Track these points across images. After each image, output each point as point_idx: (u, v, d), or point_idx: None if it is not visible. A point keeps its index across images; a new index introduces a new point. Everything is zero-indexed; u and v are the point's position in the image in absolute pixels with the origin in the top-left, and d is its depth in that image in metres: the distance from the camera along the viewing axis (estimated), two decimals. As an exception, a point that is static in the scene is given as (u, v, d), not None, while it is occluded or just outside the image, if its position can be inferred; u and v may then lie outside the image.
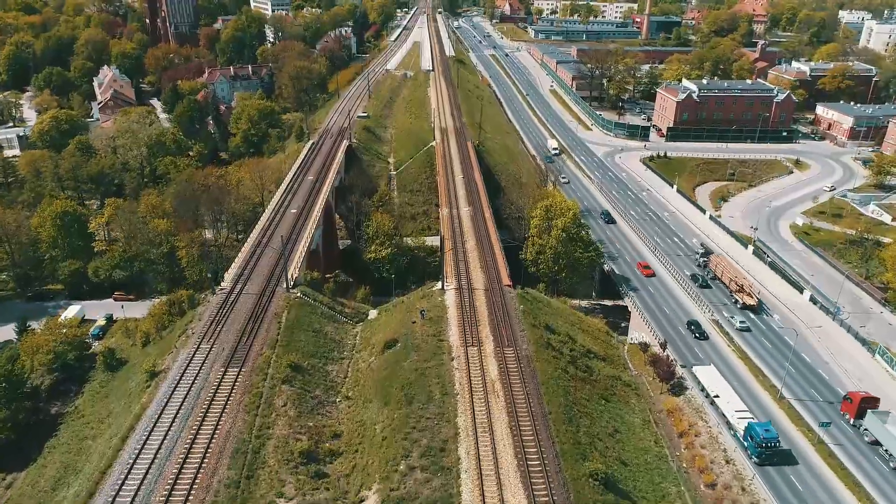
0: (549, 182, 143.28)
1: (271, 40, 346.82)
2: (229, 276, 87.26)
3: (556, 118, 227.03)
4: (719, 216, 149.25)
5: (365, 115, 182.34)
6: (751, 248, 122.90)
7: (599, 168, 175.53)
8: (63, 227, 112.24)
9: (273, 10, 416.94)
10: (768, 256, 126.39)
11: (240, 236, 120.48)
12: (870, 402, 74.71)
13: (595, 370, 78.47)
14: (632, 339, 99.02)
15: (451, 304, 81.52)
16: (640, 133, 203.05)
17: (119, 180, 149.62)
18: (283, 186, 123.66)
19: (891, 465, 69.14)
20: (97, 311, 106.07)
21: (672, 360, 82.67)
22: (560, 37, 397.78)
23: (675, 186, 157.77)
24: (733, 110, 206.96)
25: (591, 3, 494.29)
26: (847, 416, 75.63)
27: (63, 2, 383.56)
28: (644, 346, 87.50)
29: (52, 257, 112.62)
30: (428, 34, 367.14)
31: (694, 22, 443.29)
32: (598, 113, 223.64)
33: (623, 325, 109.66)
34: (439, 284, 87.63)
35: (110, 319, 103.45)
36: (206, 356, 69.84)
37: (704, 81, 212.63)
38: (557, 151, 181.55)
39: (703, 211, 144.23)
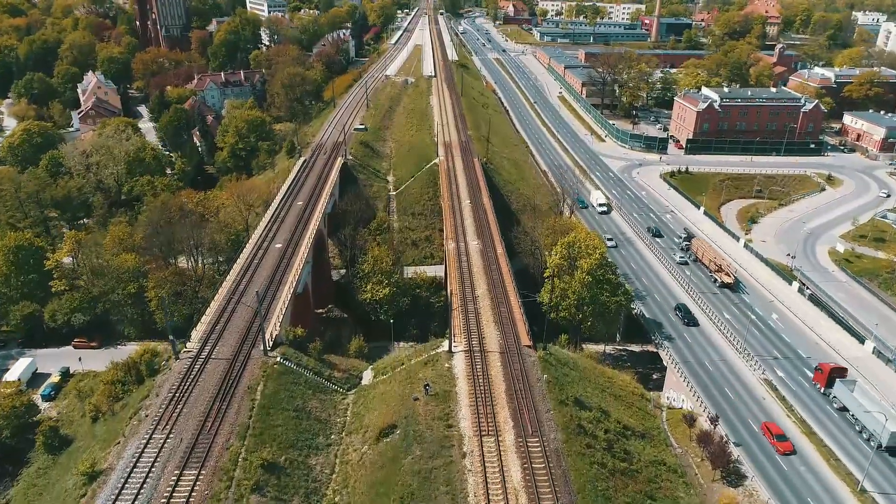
0: (565, 205, 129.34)
1: (266, 44, 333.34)
2: (198, 333, 73.65)
3: (567, 128, 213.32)
4: (750, 240, 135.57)
5: (362, 127, 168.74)
6: (795, 284, 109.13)
7: (617, 185, 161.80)
8: (17, 263, 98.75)
9: (269, 12, 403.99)
10: (806, 287, 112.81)
11: (221, 268, 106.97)
12: (839, 372, 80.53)
13: (635, 455, 64.82)
14: (668, 399, 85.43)
15: (460, 374, 67.87)
16: (658, 145, 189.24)
17: (92, 202, 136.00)
18: (269, 214, 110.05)
19: (856, 428, 74.17)
20: (53, 362, 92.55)
21: (726, 441, 68.96)
22: (566, 39, 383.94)
23: (701, 208, 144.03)
24: (757, 121, 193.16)
25: (598, 5, 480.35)
26: (818, 386, 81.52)
27: (51, 3, 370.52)
28: (690, 420, 73.76)
29: (5, 298, 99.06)
30: (429, 37, 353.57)
31: (703, 24, 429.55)
32: (611, 122, 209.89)
33: (655, 376, 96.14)
34: (445, 344, 73.97)
35: (66, 374, 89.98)
36: (159, 451, 56.22)
37: (726, 89, 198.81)
38: (606, 209, 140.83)
39: (737, 238, 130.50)
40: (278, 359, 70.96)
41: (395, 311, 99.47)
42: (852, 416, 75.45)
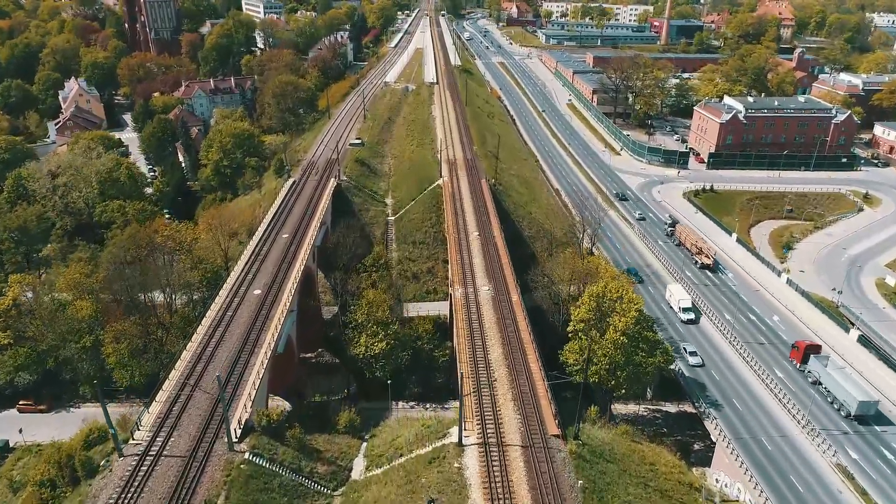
0: (583, 233, 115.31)
1: (261, 47, 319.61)
2: (150, 417, 59.91)
3: (578, 139, 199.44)
4: (787, 270, 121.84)
5: (358, 141, 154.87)
6: (853, 332, 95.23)
7: (637, 205, 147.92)
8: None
9: (266, 14, 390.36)
10: (856, 324, 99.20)
11: (196, 309, 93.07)
12: (813, 349, 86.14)
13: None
14: (718, 483, 71.65)
15: (473, 481, 54.09)
16: (679, 160, 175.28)
17: (55, 231, 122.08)
18: (249, 249, 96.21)
19: (828, 399, 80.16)
20: (-9, 431, 78.91)
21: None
22: (573, 42, 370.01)
23: (734, 235, 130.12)
24: (785, 132, 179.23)
25: (604, 6, 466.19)
26: (794, 362, 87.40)
27: (38, 5, 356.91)
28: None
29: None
30: (431, 40, 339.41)
31: (713, 26, 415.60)
32: (625, 134, 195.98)
33: (697, 446, 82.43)
34: (454, 431, 60.20)
35: (5, 448, 76.18)
36: None
37: (750, 99, 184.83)
38: (693, 317, 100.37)
39: (777, 272, 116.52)
40: (247, 455, 57.08)
41: (394, 368, 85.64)
42: (825, 388, 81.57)
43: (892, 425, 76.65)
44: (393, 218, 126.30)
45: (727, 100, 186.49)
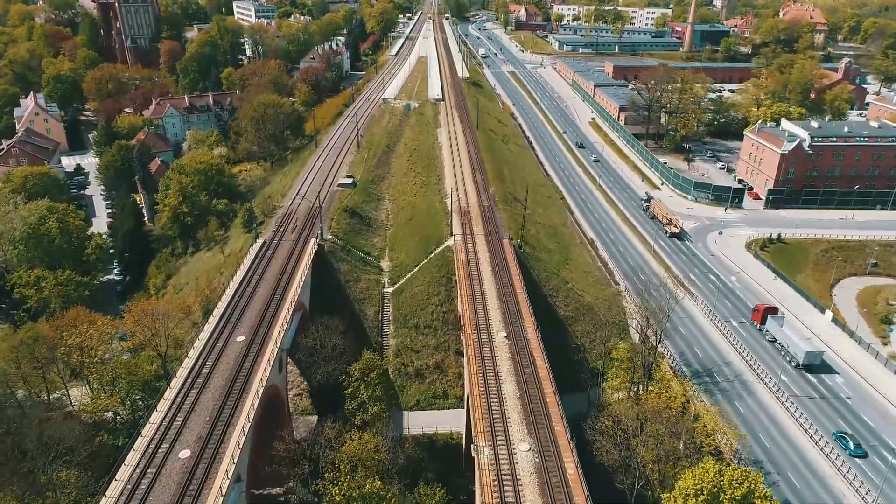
0: (650, 330, 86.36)
1: (249, 56, 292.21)
2: None
3: (609, 170, 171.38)
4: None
5: (349, 181, 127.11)
6: None
7: (690, 261, 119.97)
8: None
9: (257, 19, 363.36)
10: None
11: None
12: (771, 311, 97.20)
13: None
14: None
15: None
16: (732, 198, 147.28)
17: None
18: (186, 366, 68.45)
19: (781, 353, 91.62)
20: None
21: None
22: (589, 49, 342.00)
23: (827, 313, 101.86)
24: (856, 164, 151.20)
25: (619, 9, 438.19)
26: (755, 323, 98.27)
27: (8, 9, 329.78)
28: None
29: None
30: (435, 46, 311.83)
31: (736, 30, 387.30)
32: (662, 162, 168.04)
33: None
34: None
35: None
36: None
37: (815, 124, 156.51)
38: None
39: (891, 368, 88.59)
40: None
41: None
42: (779, 344, 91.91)
43: (836, 373, 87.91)
44: (391, 290, 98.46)
45: (786, 125, 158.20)
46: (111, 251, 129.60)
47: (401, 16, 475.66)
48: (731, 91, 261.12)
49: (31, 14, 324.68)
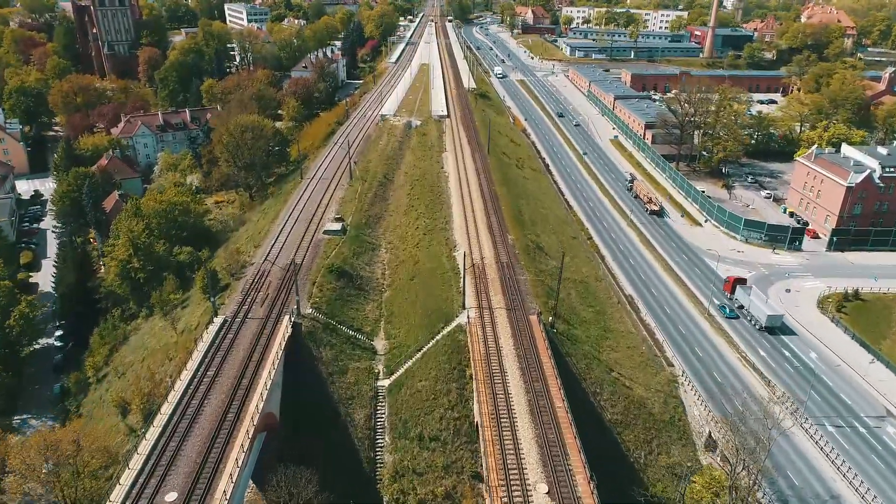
0: (741, 464, 64.05)
1: (238, 64, 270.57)
2: None
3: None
4: None
5: (338, 227, 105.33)
6: None
7: (749, 339, 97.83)
8: None
9: (249, 23, 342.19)
10: None
11: None
12: (740, 281, 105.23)
13: None
14: None
15: None
16: (790, 239, 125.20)
17: None
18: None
19: (747, 317, 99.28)
20: None
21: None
22: (602, 55, 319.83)
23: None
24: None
25: (631, 11, 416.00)
26: (727, 294, 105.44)
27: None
28: None
29: None
30: (438, 53, 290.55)
31: (756, 33, 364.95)
32: (700, 191, 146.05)
33: None
34: None
35: None
36: None
37: (883, 151, 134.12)
38: None
39: None
40: None
41: None
42: (746, 310, 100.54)
43: (794, 335, 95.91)
44: (386, 384, 76.53)
45: (849, 151, 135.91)
46: (53, 308, 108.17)
47: (402, 18, 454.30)
48: (761, 102, 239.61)
49: (5, 18, 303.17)
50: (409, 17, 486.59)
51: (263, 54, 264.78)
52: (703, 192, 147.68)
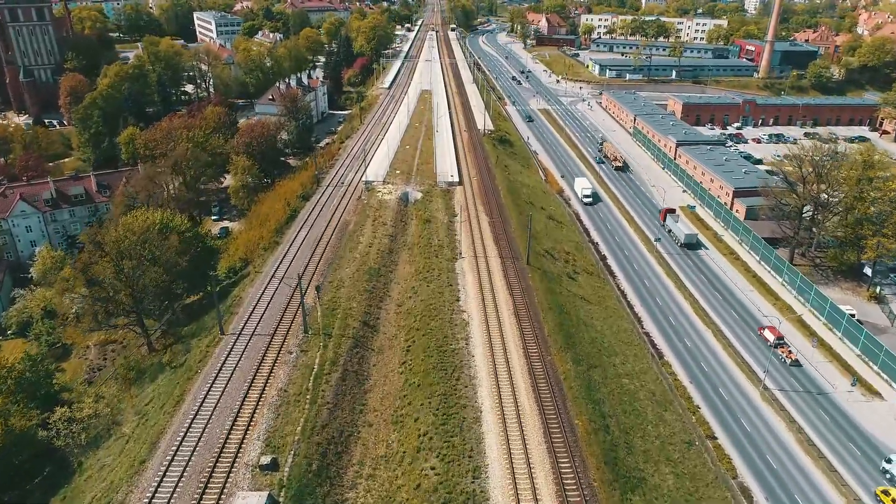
0: None
1: (193, 92, 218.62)
2: None
3: (748, 326, 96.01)
4: None
5: (261, 500, 52.41)
6: None
7: None
8: None
9: (218, 35, 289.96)
10: None
11: None
12: (670, 211, 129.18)
13: None
14: None
15: None
16: None
17: None
18: None
19: (671, 238, 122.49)
20: None
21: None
22: (638, 74, 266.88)
23: None
24: None
25: (662, 19, 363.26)
26: (660, 222, 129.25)
27: None
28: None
29: None
30: (442, 76, 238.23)
31: (805, 44, 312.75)
32: (849, 313, 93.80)
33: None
34: None
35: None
36: None
37: None
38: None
39: None
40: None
41: None
42: (671, 232, 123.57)
43: (706, 248, 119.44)
44: None
45: None
46: None
47: (399, 27, 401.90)
48: (850, 141, 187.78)
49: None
50: (408, 25, 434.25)
51: (225, 80, 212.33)
52: (853, 314, 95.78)
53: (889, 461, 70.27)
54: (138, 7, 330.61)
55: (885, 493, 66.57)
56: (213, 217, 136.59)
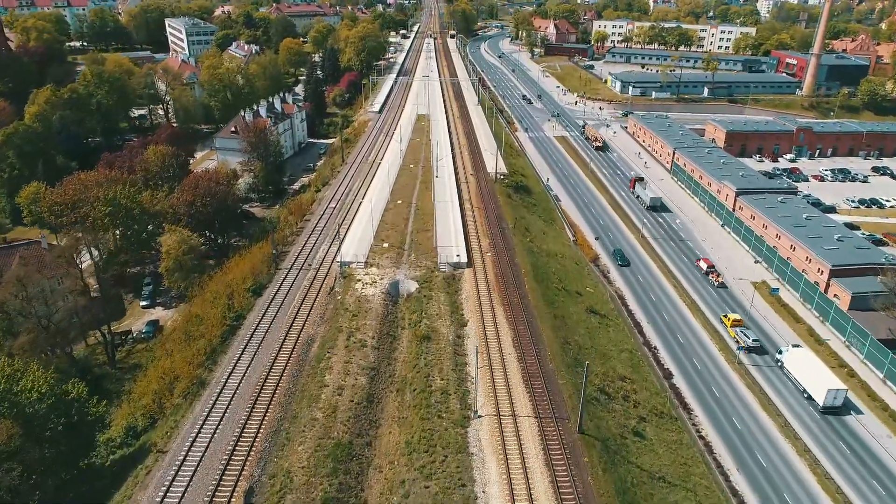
0: None
1: (147, 118, 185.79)
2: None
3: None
4: None
5: None
6: None
7: None
8: None
9: (191, 45, 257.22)
10: None
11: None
12: (640, 180, 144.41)
13: None
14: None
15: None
16: None
17: None
18: None
19: (639, 202, 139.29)
20: None
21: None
22: (665, 92, 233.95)
23: None
24: None
25: (683, 26, 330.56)
26: (630, 189, 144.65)
27: None
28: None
29: None
30: (443, 100, 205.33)
31: (843, 53, 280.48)
32: None
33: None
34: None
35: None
36: None
37: None
38: None
39: None
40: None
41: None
42: (638, 197, 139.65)
43: (670, 212, 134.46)
44: None
45: None
46: None
47: (393, 33, 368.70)
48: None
49: None
50: (403, 31, 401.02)
51: (185, 104, 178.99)
52: None
53: (780, 352, 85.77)
54: (104, 14, 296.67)
55: (726, 316, 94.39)
56: (143, 303, 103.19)
